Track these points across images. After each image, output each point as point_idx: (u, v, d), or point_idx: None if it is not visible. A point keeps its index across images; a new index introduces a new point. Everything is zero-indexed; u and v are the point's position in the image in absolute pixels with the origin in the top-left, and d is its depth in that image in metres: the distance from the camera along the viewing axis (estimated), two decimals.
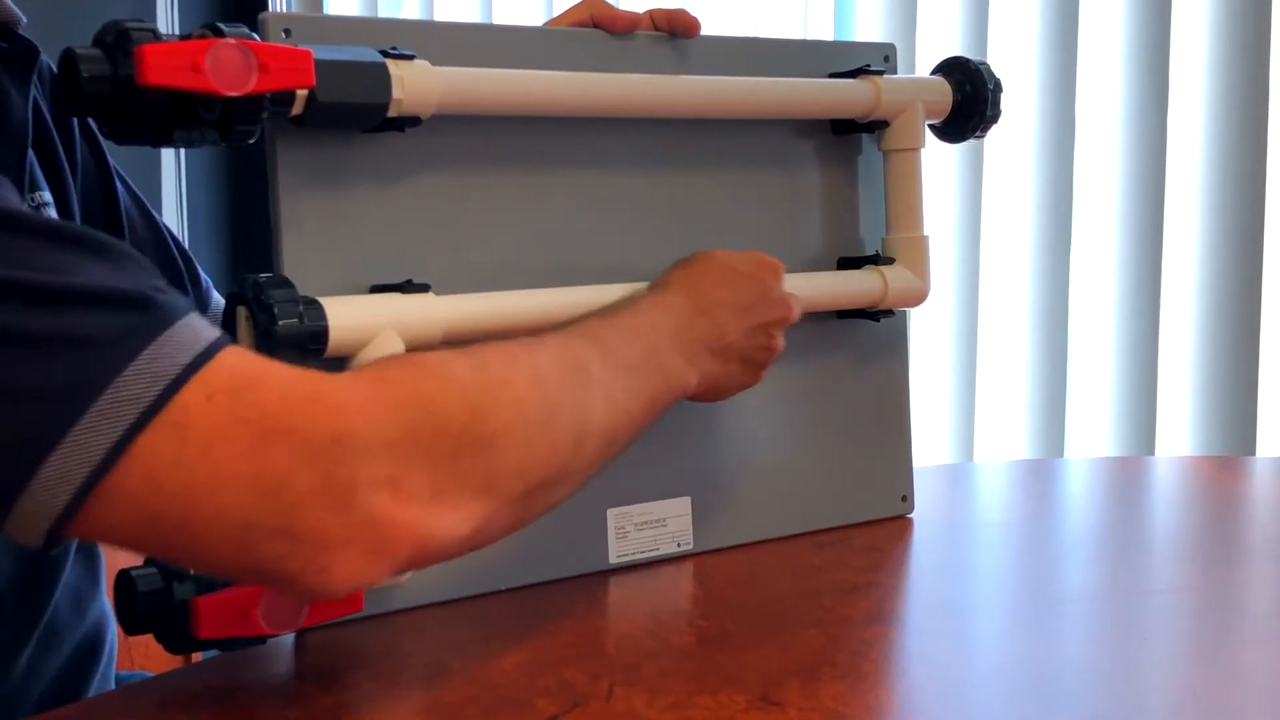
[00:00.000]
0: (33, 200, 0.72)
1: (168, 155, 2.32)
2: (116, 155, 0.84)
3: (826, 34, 1.92)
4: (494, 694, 0.66)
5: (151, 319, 0.53)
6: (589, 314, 0.73)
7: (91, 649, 0.83)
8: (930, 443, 1.82)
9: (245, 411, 0.53)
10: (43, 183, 0.74)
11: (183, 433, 0.52)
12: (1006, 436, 1.79)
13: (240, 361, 0.55)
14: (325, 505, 0.54)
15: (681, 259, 0.81)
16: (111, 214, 0.83)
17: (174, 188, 2.34)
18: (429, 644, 0.74)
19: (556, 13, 0.90)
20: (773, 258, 0.83)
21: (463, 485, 0.58)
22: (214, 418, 0.52)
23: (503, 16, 2.29)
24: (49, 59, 0.79)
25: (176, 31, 0.75)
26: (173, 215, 2.36)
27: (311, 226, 0.75)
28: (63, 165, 0.77)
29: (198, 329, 0.55)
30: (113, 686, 0.86)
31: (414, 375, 0.59)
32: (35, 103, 0.75)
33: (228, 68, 0.64)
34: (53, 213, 0.74)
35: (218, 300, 0.90)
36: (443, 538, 0.58)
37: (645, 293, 0.77)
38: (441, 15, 2.37)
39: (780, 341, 0.81)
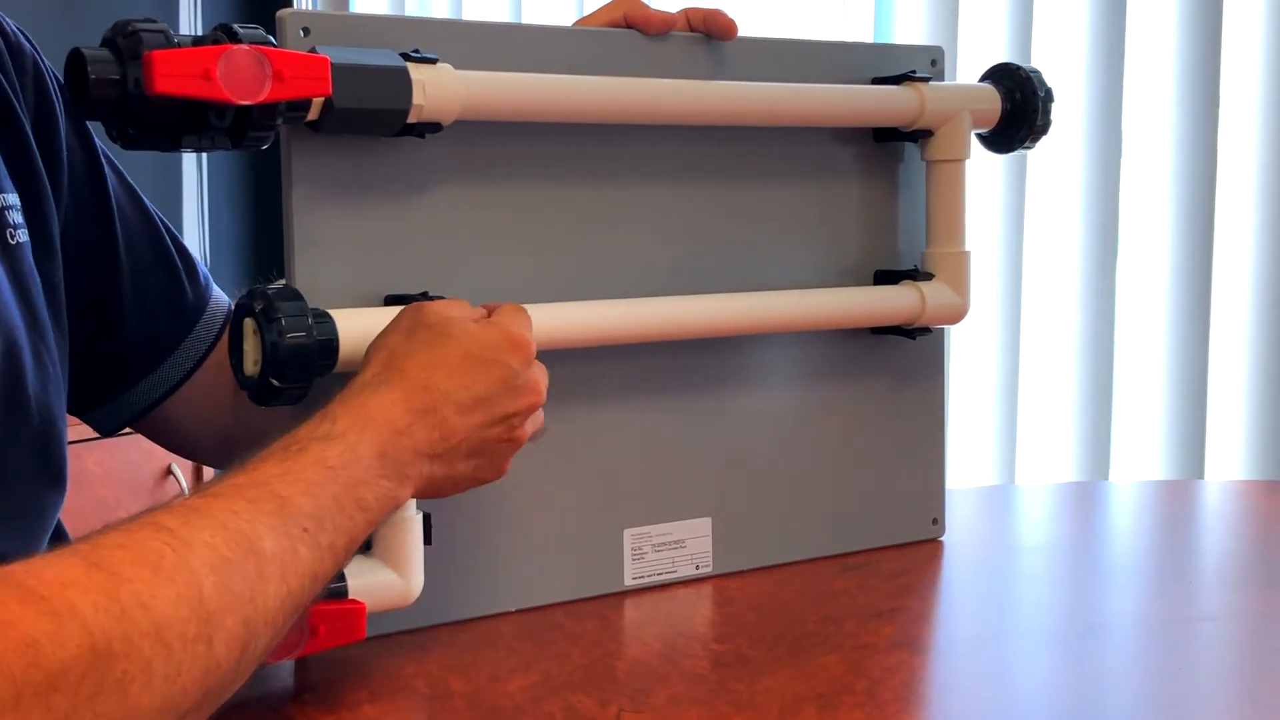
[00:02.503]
0: None
1: (189, 163, 2.33)
2: (134, 157, 0.83)
3: (866, 33, 1.89)
4: (497, 718, 0.65)
5: None
6: (268, 444, 0.62)
7: None
8: (972, 464, 1.79)
9: None
10: (9, 184, 0.72)
11: None
12: (1050, 458, 1.75)
13: None
14: None
15: (405, 322, 0.69)
16: (101, 209, 0.81)
17: (195, 196, 2.35)
18: (433, 665, 0.72)
19: (588, 11, 0.88)
20: (521, 332, 0.69)
21: None
22: None
23: (532, 15, 2.28)
24: (35, 49, 0.78)
25: (200, 29, 0.73)
26: (194, 224, 2.36)
27: (325, 235, 0.74)
28: (36, 164, 0.75)
29: None
30: None
31: (24, 614, 0.48)
32: (2, 100, 0.74)
33: (241, 76, 0.62)
34: (18, 216, 0.72)
35: (218, 295, 0.89)
36: None
37: (347, 394, 0.65)
38: (470, 13, 2.36)
39: (526, 430, 0.70)
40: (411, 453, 0.65)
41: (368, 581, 0.69)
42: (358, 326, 0.70)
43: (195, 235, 2.40)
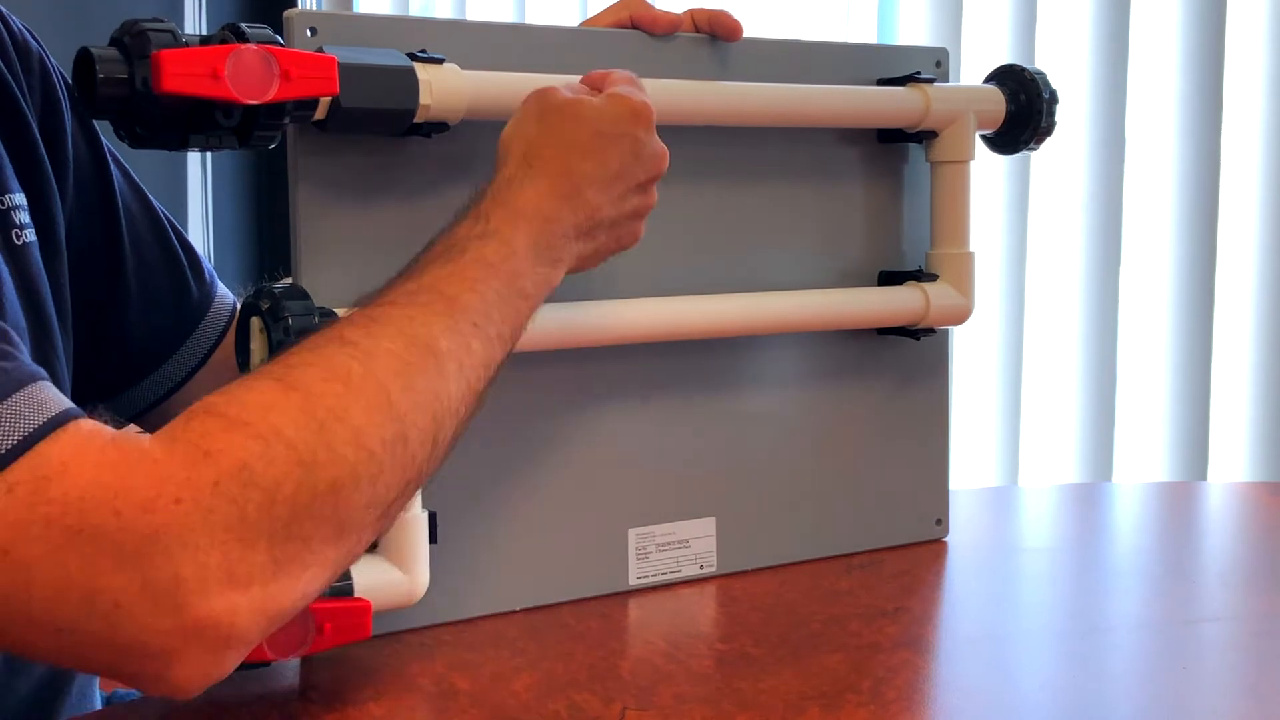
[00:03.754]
0: (2, 203, 0.71)
1: (193, 162, 2.33)
2: (139, 156, 0.83)
3: (870, 35, 1.89)
4: (502, 717, 0.65)
5: None
6: (430, 247, 0.66)
7: (64, 669, 0.80)
8: (974, 465, 1.79)
9: (47, 508, 0.50)
10: (15, 184, 0.73)
11: None
12: (1053, 459, 1.75)
13: (56, 446, 0.51)
14: (148, 610, 0.50)
15: (533, 109, 0.70)
16: (107, 207, 0.81)
17: (199, 194, 2.35)
18: (438, 664, 0.72)
19: (593, 12, 0.88)
20: (641, 100, 0.72)
21: (308, 545, 0.54)
22: (14, 514, 0.49)
23: (536, 16, 2.27)
24: (41, 47, 0.78)
25: (204, 29, 0.73)
26: (198, 222, 2.36)
27: (332, 234, 0.74)
28: (43, 163, 0.76)
29: (23, 409, 0.51)
30: (96, 707, 0.85)
31: (234, 441, 0.53)
32: (7, 98, 0.74)
33: (248, 75, 0.62)
34: (25, 216, 0.73)
35: (223, 292, 0.89)
36: (296, 602, 0.55)
37: (495, 190, 0.68)
38: (474, 13, 2.36)
39: (654, 195, 0.74)
40: (561, 237, 0.69)
41: (374, 580, 0.69)
42: None
43: (199, 233, 2.40)
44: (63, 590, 0.50)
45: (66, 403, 0.54)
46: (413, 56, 0.72)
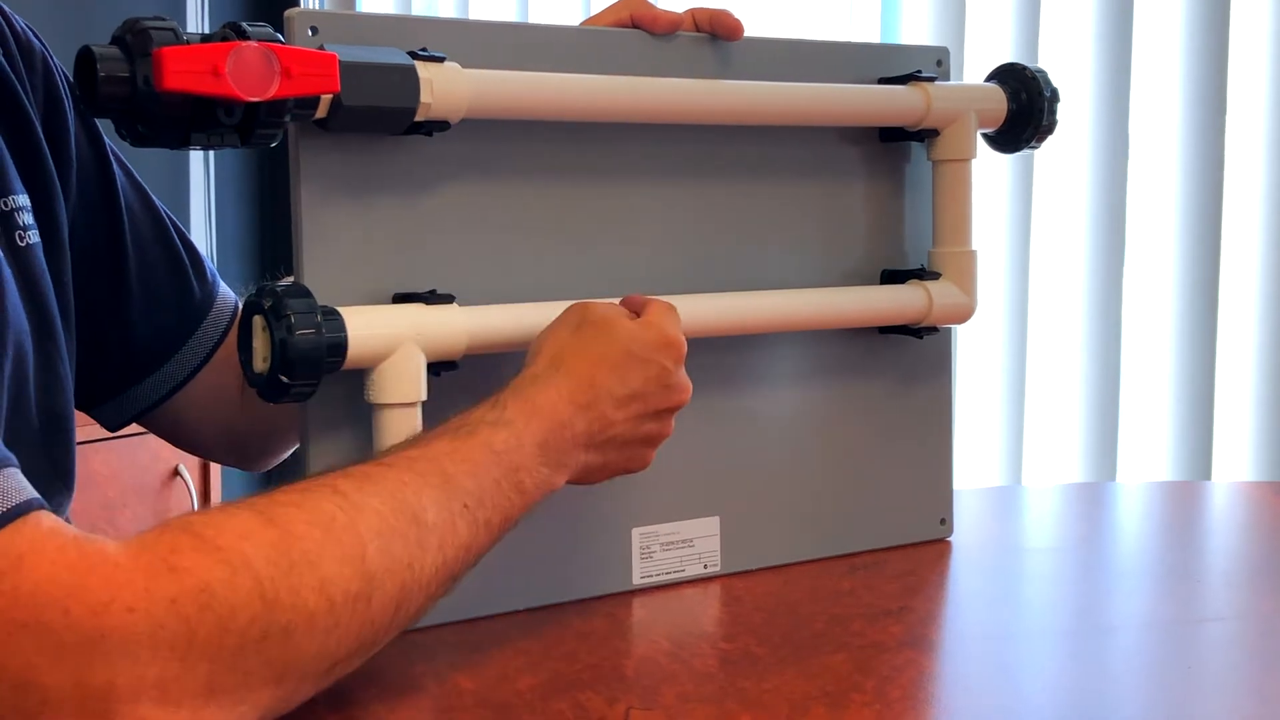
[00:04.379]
0: (5, 205, 0.71)
1: (195, 161, 2.33)
2: (141, 155, 0.83)
3: (872, 34, 1.89)
4: (506, 716, 0.65)
5: None
6: (446, 421, 0.67)
7: None
8: (978, 465, 1.79)
9: None
10: (18, 185, 0.73)
11: None
12: (1056, 459, 1.75)
13: (14, 537, 0.51)
14: (74, 711, 0.50)
15: (572, 318, 0.73)
16: (110, 206, 0.81)
17: (201, 193, 2.35)
18: (442, 664, 0.72)
19: (594, 11, 0.88)
20: (674, 333, 0.74)
21: (246, 680, 0.54)
22: None
23: (538, 15, 2.27)
24: (44, 47, 0.78)
25: (206, 28, 0.73)
26: (200, 221, 2.37)
27: (333, 233, 0.74)
28: (47, 163, 0.76)
29: None
30: None
31: (201, 561, 0.53)
32: (10, 98, 0.74)
33: (250, 72, 0.62)
34: (29, 217, 0.73)
35: (225, 291, 0.89)
36: None
37: (518, 384, 0.69)
38: (476, 12, 2.36)
39: (670, 426, 0.75)
40: (571, 443, 0.69)
41: None
42: (366, 324, 0.70)
43: (201, 232, 2.40)
44: None
45: (31, 493, 0.54)
46: (414, 55, 0.72)
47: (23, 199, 0.72)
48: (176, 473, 2.04)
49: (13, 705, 0.50)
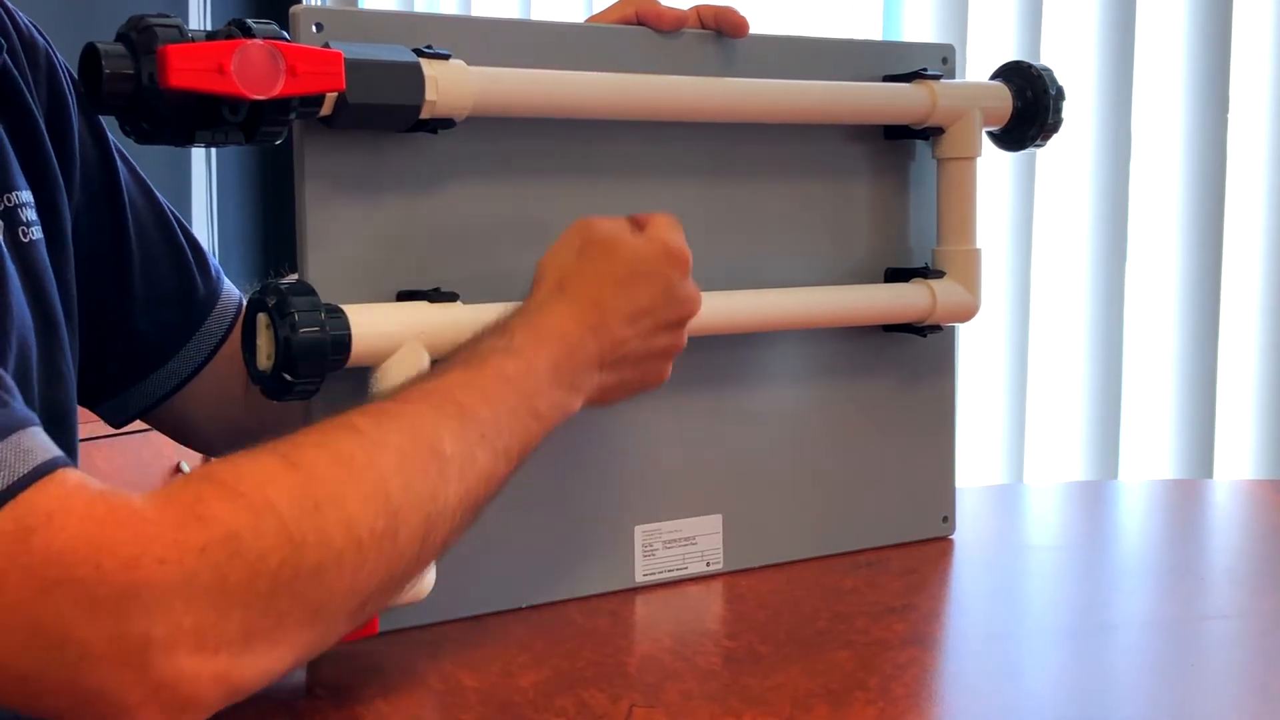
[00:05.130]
0: (8, 201, 0.71)
1: (198, 158, 2.33)
2: (145, 152, 0.83)
3: (875, 31, 1.89)
4: (510, 714, 0.65)
5: None
6: (456, 353, 0.67)
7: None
8: (980, 463, 1.79)
9: (28, 558, 0.50)
10: (21, 182, 0.73)
11: None
12: (1058, 457, 1.75)
13: (41, 496, 0.52)
14: (114, 663, 0.51)
15: (574, 240, 0.72)
16: (113, 202, 0.81)
17: (204, 190, 2.35)
18: (445, 661, 0.72)
19: (598, 8, 0.88)
20: (678, 244, 0.74)
21: (281, 622, 0.55)
22: None
23: (542, 12, 2.27)
24: (48, 43, 0.78)
25: (210, 25, 0.73)
26: (202, 218, 2.36)
27: (338, 230, 0.74)
28: (50, 159, 0.76)
29: (9, 456, 0.52)
30: None
31: (226, 509, 0.54)
32: (14, 94, 0.74)
33: (255, 70, 0.62)
34: (32, 213, 0.73)
35: (229, 288, 0.89)
36: (259, 678, 0.55)
37: (525, 310, 0.70)
38: (480, 9, 2.36)
39: (684, 337, 0.75)
40: (583, 365, 0.69)
41: None
42: (370, 321, 0.70)
43: (205, 229, 2.40)
44: (32, 638, 0.50)
45: (54, 450, 0.54)
46: (419, 52, 0.72)
47: (26, 195, 0.72)
48: (179, 470, 2.04)
49: (52, 660, 0.51)
